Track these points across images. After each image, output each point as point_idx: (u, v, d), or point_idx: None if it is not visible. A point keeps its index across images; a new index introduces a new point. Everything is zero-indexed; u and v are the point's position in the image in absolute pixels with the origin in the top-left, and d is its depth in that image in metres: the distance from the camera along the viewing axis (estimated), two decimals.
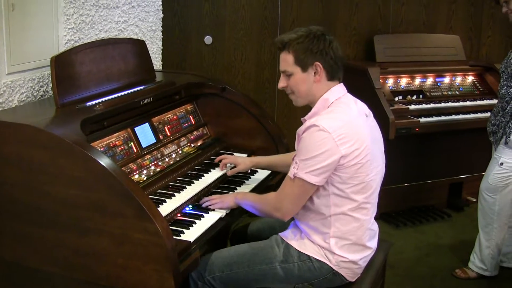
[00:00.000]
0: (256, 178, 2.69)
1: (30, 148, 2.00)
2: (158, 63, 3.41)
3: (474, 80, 4.47)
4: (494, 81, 4.35)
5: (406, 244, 3.83)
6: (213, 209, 2.32)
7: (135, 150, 2.47)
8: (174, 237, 1.99)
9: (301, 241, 2.21)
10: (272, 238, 2.29)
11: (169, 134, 2.72)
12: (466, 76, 4.47)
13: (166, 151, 2.64)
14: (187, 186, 2.46)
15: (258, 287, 2.23)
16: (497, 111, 3.18)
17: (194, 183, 2.50)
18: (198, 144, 2.85)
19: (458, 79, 4.43)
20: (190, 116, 2.93)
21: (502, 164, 3.14)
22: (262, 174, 2.73)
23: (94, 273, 2.00)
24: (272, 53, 4.20)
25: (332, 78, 2.17)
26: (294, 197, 2.12)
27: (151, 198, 2.27)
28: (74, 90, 2.40)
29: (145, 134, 2.56)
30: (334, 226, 2.14)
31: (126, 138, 2.45)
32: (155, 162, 2.54)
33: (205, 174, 2.61)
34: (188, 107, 2.93)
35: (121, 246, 1.93)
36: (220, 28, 4.09)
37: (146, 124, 2.60)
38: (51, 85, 2.36)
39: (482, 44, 4.95)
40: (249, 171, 2.72)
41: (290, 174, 2.11)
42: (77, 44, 2.70)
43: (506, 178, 3.16)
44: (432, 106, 4.10)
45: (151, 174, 2.46)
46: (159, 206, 2.24)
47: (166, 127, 2.72)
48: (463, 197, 4.47)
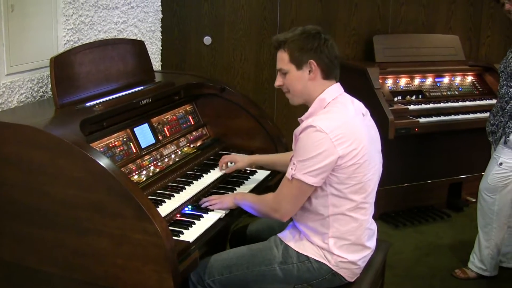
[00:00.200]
0: (255, 179, 2.69)
1: (30, 148, 2.01)
2: (157, 64, 3.41)
3: (474, 80, 4.47)
4: (494, 81, 4.34)
5: (406, 244, 3.83)
6: (212, 209, 2.33)
7: (135, 151, 2.48)
8: (174, 237, 1.99)
9: (300, 242, 2.21)
10: (271, 239, 2.30)
11: (168, 135, 2.72)
12: (466, 76, 4.47)
13: (166, 152, 2.64)
14: (187, 187, 2.46)
15: None
16: (496, 111, 3.18)
17: (193, 184, 2.50)
18: (198, 144, 2.85)
19: (458, 79, 4.43)
20: (190, 116, 2.93)
21: (501, 164, 3.14)
22: (262, 175, 2.73)
23: (93, 273, 2.00)
24: (271, 53, 4.20)
25: (327, 76, 2.17)
26: (292, 198, 2.12)
27: (151, 198, 2.28)
28: (74, 91, 2.40)
29: (144, 134, 2.56)
30: (332, 227, 2.14)
31: (125, 139, 2.45)
32: (155, 162, 2.54)
33: (204, 175, 2.61)
34: (187, 108, 2.93)
35: (120, 246, 1.93)
36: (219, 28, 4.09)
37: (146, 124, 2.60)
38: (51, 85, 2.36)
39: (481, 44, 4.95)
40: (248, 171, 2.73)
41: (288, 175, 2.11)
42: (76, 44, 2.70)
43: (506, 178, 3.16)
44: (431, 106, 4.10)
45: (151, 174, 2.46)
46: (159, 207, 2.24)
47: (165, 128, 2.73)
48: (463, 197, 4.47)
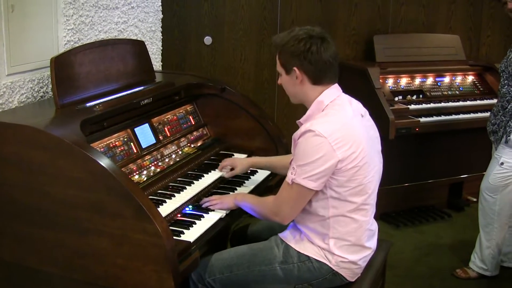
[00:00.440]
0: (255, 179, 2.68)
1: (30, 148, 2.01)
2: (157, 64, 3.41)
3: (474, 79, 4.47)
4: (494, 80, 4.34)
5: (406, 244, 3.83)
6: (213, 209, 2.32)
7: (135, 151, 2.48)
8: (174, 237, 1.99)
9: (300, 241, 2.21)
10: (271, 239, 2.29)
11: (169, 135, 2.72)
12: (466, 75, 4.47)
13: (166, 152, 2.64)
14: (187, 187, 2.46)
15: None
16: (497, 111, 3.18)
17: (194, 184, 2.50)
18: (198, 144, 2.85)
19: (458, 79, 4.43)
20: (190, 116, 2.93)
21: (502, 164, 3.13)
22: (262, 175, 2.72)
23: (94, 273, 2.00)
24: (271, 53, 4.19)
25: (316, 82, 2.14)
26: (292, 202, 2.12)
27: (151, 198, 2.28)
28: (74, 91, 2.40)
29: (145, 134, 2.56)
30: (333, 228, 2.13)
31: (126, 139, 2.45)
32: (155, 162, 2.54)
33: (205, 175, 2.61)
34: (187, 108, 2.93)
35: (120, 246, 1.93)
36: (219, 28, 4.09)
37: (146, 124, 2.60)
38: (51, 86, 2.36)
39: (481, 43, 4.95)
40: (249, 171, 2.72)
41: (288, 179, 2.10)
42: (76, 45, 2.70)
43: (507, 178, 3.16)
44: (432, 106, 4.09)
45: (151, 174, 2.46)
46: (159, 207, 2.24)
47: (166, 128, 2.72)
48: (463, 197, 4.47)
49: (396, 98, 4.07)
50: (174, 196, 2.36)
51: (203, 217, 2.27)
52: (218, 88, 2.94)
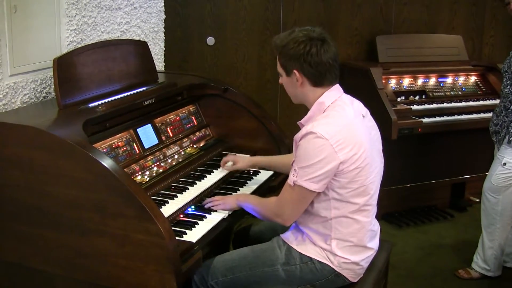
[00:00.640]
0: (258, 179, 2.68)
1: (32, 149, 2.01)
2: (160, 64, 3.41)
3: (477, 80, 4.46)
4: (497, 81, 4.33)
5: (409, 244, 3.83)
6: (215, 210, 2.33)
7: (138, 151, 2.48)
8: (177, 237, 1.99)
9: (302, 243, 2.21)
10: (273, 240, 2.29)
11: (171, 135, 2.73)
12: (469, 76, 4.46)
13: (169, 152, 2.64)
14: (190, 187, 2.46)
15: None
16: (499, 111, 3.17)
17: (196, 184, 2.51)
18: (201, 145, 2.85)
19: (461, 79, 4.42)
20: (192, 117, 2.93)
21: (505, 164, 3.13)
22: (265, 175, 2.72)
23: (96, 273, 2.00)
24: (273, 53, 4.15)
25: (316, 84, 2.13)
26: (294, 204, 2.12)
27: (154, 199, 2.28)
28: (76, 92, 2.40)
29: (147, 135, 2.56)
30: (335, 229, 2.13)
31: (128, 139, 2.46)
32: (158, 163, 2.54)
33: (207, 175, 2.61)
34: (190, 108, 2.94)
35: (122, 247, 1.93)
36: (221, 29, 4.09)
37: (149, 125, 2.60)
38: (54, 86, 2.37)
39: (484, 44, 4.94)
40: (251, 172, 2.73)
41: (290, 181, 2.10)
42: (79, 45, 2.70)
43: (509, 178, 3.15)
44: (434, 106, 4.09)
45: (154, 175, 2.46)
46: (162, 207, 2.24)
47: (168, 128, 2.73)
48: (466, 197, 4.46)
49: (398, 99, 4.07)
50: (177, 196, 2.36)
51: (206, 217, 2.27)
52: (221, 88, 2.94)
